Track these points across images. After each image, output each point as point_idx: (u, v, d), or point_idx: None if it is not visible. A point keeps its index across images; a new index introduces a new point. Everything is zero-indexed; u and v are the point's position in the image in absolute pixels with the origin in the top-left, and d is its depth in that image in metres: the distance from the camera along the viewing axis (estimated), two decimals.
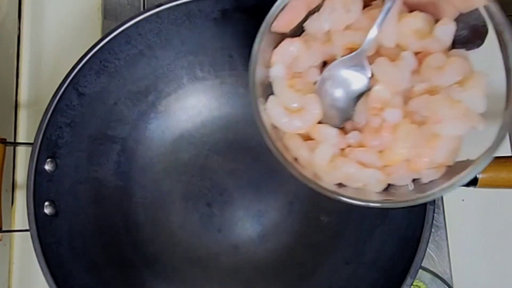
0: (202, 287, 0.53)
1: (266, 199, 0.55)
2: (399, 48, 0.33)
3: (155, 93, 0.54)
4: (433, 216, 0.44)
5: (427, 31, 0.32)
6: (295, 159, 0.34)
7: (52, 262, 0.44)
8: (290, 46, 0.33)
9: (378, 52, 0.33)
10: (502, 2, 0.30)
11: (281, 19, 0.33)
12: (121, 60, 0.50)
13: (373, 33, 0.32)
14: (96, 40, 0.47)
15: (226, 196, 0.55)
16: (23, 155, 0.59)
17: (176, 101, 0.56)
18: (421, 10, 0.32)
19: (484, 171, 0.40)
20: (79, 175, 0.50)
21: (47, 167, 0.46)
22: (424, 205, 0.44)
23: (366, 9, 0.33)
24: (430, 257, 0.57)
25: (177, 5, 0.48)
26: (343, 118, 0.35)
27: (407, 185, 0.33)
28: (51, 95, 0.46)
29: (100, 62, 0.48)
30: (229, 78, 0.56)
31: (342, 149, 0.34)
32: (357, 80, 0.34)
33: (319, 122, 0.34)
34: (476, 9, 0.30)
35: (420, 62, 0.32)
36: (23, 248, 0.57)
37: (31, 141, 0.46)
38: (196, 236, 0.54)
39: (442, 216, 0.58)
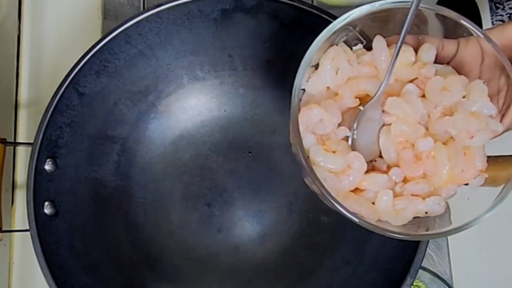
0: (202, 287, 0.53)
1: (266, 199, 0.55)
2: (397, 81, 0.36)
3: (155, 93, 0.54)
4: None
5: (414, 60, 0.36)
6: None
7: (52, 262, 0.44)
8: (311, 112, 0.35)
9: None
10: None
11: None
12: (121, 60, 0.50)
13: (386, 80, 0.34)
14: (96, 40, 0.47)
15: (226, 196, 0.55)
16: (23, 155, 0.59)
17: (176, 101, 0.56)
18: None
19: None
20: (79, 175, 0.50)
21: (47, 167, 0.46)
22: None
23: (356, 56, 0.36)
24: (430, 257, 0.57)
25: (177, 5, 0.48)
26: (369, 158, 0.36)
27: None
28: (51, 95, 0.46)
29: (100, 62, 0.48)
30: (229, 78, 0.56)
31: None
32: (375, 121, 0.36)
33: None
34: None
35: (418, 87, 0.35)
36: (23, 248, 0.57)
37: (31, 141, 0.46)
38: (196, 236, 0.54)
39: None
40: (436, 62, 0.36)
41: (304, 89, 0.36)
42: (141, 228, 0.54)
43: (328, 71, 0.35)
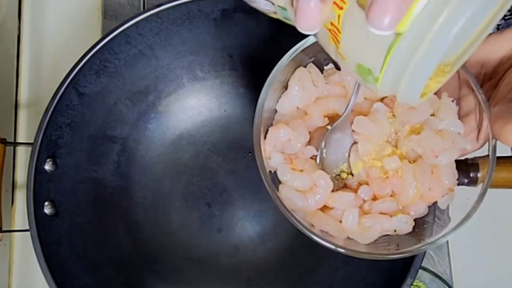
0: (202, 287, 0.53)
1: (266, 199, 0.54)
2: (367, 100, 0.36)
3: (155, 93, 0.54)
4: None
5: None
6: (322, 231, 0.35)
7: (52, 262, 0.44)
8: (278, 132, 0.35)
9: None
10: None
11: None
12: (121, 60, 0.50)
13: (352, 100, 0.35)
14: (96, 40, 0.47)
15: (226, 196, 0.55)
16: (23, 155, 0.59)
17: (176, 101, 0.56)
18: None
19: (484, 171, 0.40)
20: (79, 175, 0.50)
21: (47, 167, 0.46)
22: None
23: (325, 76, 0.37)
24: (430, 257, 0.57)
25: (177, 5, 0.48)
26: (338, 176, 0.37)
27: (429, 223, 0.36)
28: (51, 95, 0.46)
29: (100, 62, 0.48)
30: (229, 78, 0.56)
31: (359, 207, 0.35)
32: (345, 139, 0.36)
33: None
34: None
35: (387, 106, 0.35)
36: (23, 248, 0.57)
37: (31, 141, 0.46)
38: (196, 236, 0.54)
39: None
40: None
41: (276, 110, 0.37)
42: (141, 228, 0.54)
43: (295, 92, 0.36)
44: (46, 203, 0.46)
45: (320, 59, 0.37)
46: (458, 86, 0.35)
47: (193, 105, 0.56)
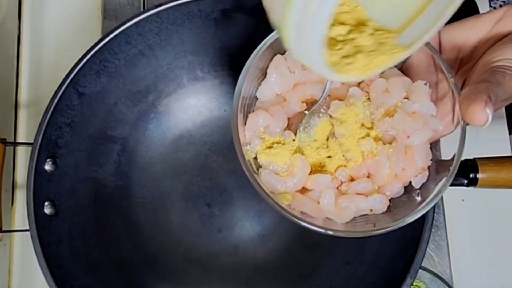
0: (202, 287, 0.53)
1: None
2: (344, 85, 0.37)
3: (155, 93, 0.54)
4: (433, 216, 0.44)
5: None
6: (303, 212, 0.36)
7: (52, 262, 0.44)
8: (257, 119, 0.37)
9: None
10: None
11: None
12: (121, 60, 0.50)
13: (328, 85, 0.36)
14: (96, 40, 0.47)
15: (226, 196, 0.55)
16: (23, 155, 0.59)
17: (176, 101, 0.56)
18: None
19: (484, 171, 0.41)
20: (79, 175, 0.50)
21: (47, 167, 0.46)
22: None
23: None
24: (430, 257, 0.57)
25: (177, 5, 0.48)
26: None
27: (404, 200, 0.37)
28: (51, 95, 0.46)
29: (100, 62, 0.48)
30: (229, 78, 0.56)
31: (337, 188, 0.37)
32: (321, 123, 0.37)
33: None
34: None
35: (363, 90, 0.36)
36: (23, 248, 0.57)
37: (31, 141, 0.46)
38: (196, 236, 0.54)
39: (442, 216, 0.58)
40: None
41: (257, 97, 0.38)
42: (141, 228, 0.54)
43: (273, 79, 0.37)
44: (46, 203, 0.46)
45: None
46: (435, 70, 0.36)
47: (193, 105, 0.56)
